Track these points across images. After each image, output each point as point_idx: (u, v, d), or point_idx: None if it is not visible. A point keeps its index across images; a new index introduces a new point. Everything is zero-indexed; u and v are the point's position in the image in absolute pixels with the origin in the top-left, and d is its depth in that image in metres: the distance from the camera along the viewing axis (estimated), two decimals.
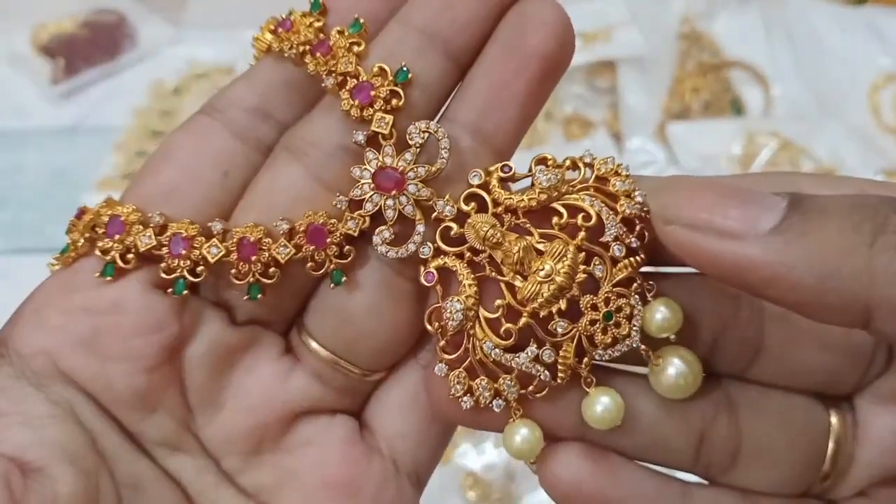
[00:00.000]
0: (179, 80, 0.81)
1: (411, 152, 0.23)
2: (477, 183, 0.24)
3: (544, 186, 0.23)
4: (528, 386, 0.23)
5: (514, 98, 0.23)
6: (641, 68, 0.78)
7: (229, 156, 0.24)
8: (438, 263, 0.23)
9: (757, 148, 0.71)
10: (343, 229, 0.23)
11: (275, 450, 0.25)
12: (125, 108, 0.79)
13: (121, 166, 0.74)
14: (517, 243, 0.23)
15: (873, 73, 0.79)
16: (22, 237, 0.70)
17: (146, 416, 0.24)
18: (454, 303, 0.23)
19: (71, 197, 0.70)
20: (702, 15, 0.83)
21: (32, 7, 0.82)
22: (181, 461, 0.24)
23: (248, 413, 0.25)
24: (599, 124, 0.76)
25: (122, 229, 0.23)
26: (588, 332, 0.23)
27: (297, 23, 0.24)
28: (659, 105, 0.78)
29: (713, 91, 0.78)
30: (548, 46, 0.23)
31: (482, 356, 0.23)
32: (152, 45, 0.84)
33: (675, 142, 0.73)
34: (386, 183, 0.23)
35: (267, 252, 0.23)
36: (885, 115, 0.77)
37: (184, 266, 0.23)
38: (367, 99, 0.23)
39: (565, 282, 0.22)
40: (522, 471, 0.56)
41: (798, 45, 0.82)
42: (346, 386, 0.25)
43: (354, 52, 0.23)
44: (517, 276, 0.23)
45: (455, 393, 0.23)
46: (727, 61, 0.81)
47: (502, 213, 0.23)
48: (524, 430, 0.23)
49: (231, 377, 0.25)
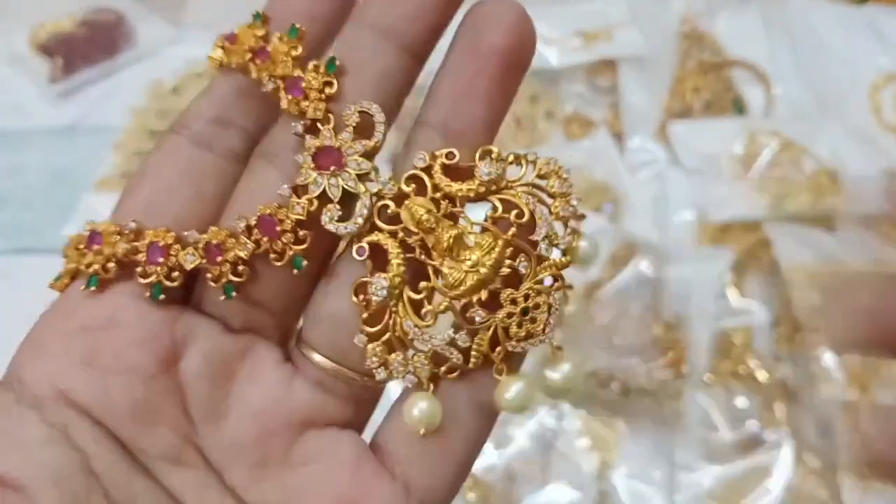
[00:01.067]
0: (178, 80, 0.81)
1: (348, 131, 0.24)
2: (421, 166, 0.24)
3: (484, 179, 0.24)
4: (441, 366, 0.24)
5: (478, 96, 0.24)
6: (642, 68, 0.78)
7: (199, 165, 0.25)
8: (371, 239, 0.24)
9: (758, 147, 0.71)
10: (293, 215, 0.24)
11: (281, 464, 0.25)
12: (124, 108, 0.78)
13: (120, 166, 0.74)
14: (449, 231, 0.24)
15: (874, 73, 0.79)
16: (21, 237, 0.70)
17: (147, 430, 0.24)
18: (380, 280, 0.23)
19: (71, 197, 0.70)
20: (702, 14, 0.83)
21: (31, 6, 0.82)
22: (183, 476, 0.24)
23: (252, 420, 0.24)
24: (600, 124, 0.76)
25: (100, 241, 0.24)
26: (504, 325, 0.24)
27: (240, 34, 0.25)
28: (660, 104, 0.77)
29: (714, 90, 0.78)
30: (506, 43, 0.24)
31: (401, 333, 0.24)
32: (151, 44, 0.83)
33: (676, 141, 0.73)
34: (325, 161, 0.24)
35: (232, 251, 0.24)
36: (886, 114, 0.77)
37: (160, 272, 0.24)
38: (299, 93, 0.24)
39: (489, 274, 0.23)
40: (523, 473, 0.56)
41: (799, 45, 0.82)
42: (350, 394, 0.25)
43: (320, 70, 0.24)
44: (445, 261, 0.24)
45: (371, 364, 0.24)
46: (728, 60, 0.80)
47: (440, 199, 0.24)
48: (423, 404, 0.24)
49: (232, 385, 0.25)
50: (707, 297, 0.61)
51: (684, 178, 0.71)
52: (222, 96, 0.26)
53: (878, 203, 0.68)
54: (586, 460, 0.57)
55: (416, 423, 0.24)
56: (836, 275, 0.62)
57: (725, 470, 0.56)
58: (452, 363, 0.24)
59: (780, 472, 0.56)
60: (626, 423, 0.58)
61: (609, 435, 0.58)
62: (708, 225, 0.68)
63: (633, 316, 0.59)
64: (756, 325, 0.63)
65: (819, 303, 0.60)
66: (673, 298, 0.61)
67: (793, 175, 0.69)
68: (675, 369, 0.58)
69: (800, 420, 0.58)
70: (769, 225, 0.66)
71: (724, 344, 0.62)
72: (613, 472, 0.56)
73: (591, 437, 0.58)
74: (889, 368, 0.58)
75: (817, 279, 0.62)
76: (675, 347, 0.58)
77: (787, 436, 0.57)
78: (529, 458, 0.56)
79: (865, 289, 0.23)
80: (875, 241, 0.67)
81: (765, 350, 0.62)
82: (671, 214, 0.69)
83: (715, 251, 0.65)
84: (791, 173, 0.69)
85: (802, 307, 0.60)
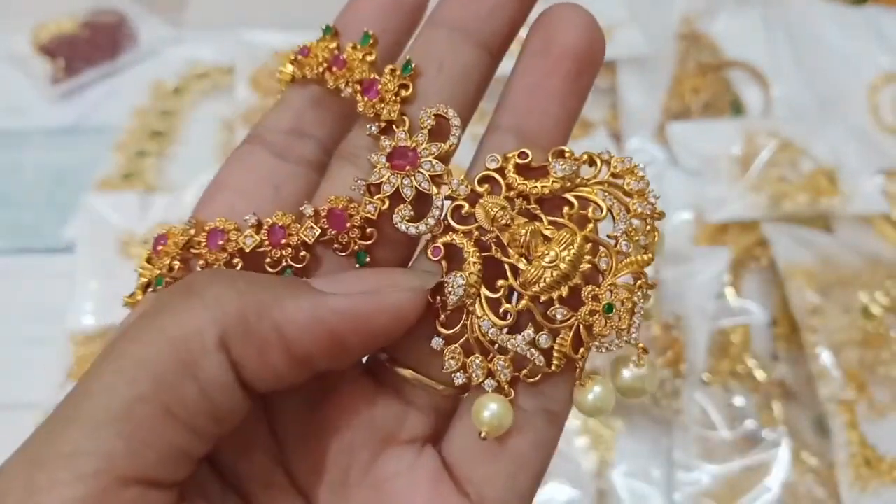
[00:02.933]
0: (179, 81, 0.81)
1: (423, 133, 0.24)
2: (494, 167, 0.24)
3: (558, 176, 0.23)
4: (522, 370, 0.23)
5: (550, 97, 0.24)
6: (641, 68, 0.78)
7: (276, 173, 0.26)
8: (446, 240, 0.24)
9: (757, 148, 0.71)
10: (363, 212, 0.24)
11: (361, 483, 0.24)
12: (125, 109, 0.79)
13: (121, 166, 0.74)
14: (525, 227, 0.23)
15: (873, 73, 0.79)
16: (22, 237, 0.70)
17: (241, 454, 0.24)
18: (457, 278, 0.23)
19: (71, 197, 0.71)
20: (702, 15, 0.83)
21: (32, 7, 0.82)
22: (272, 498, 0.24)
23: (335, 435, 0.24)
24: (599, 124, 0.76)
25: (165, 240, 0.25)
26: (587, 322, 0.23)
27: (313, 48, 0.26)
28: (658, 105, 0.78)
29: (713, 91, 0.78)
30: (577, 45, 0.24)
31: (479, 334, 0.23)
32: (152, 45, 0.84)
33: (675, 142, 0.73)
34: (400, 161, 0.24)
35: (295, 236, 0.24)
36: (885, 114, 0.77)
37: (221, 259, 0.24)
38: (375, 95, 0.24)
39: (569, 269, 0.23)
40: None
41: (798, 45, 0.82)
42: (430, 405, 0.25)
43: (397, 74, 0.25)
44: (522, 259, 0.23)
45: (448, 368, 0.23)
46: (727, 61, 0.81)
47: (514, 198, 0.24)
48: (494, 405, 0.23)
49: (317, 402, 0.25)
50: (705, 296, 0.62)
51: (683, 179, 0.72)
52: (297, 108, 0.27)
53: (877, 203, 0.68)
54: (585, 459, 0.57)
55: (485, 424, 0.23)
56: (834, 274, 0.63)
57: (723, 468, 0.56)
58: (534, 366, 0.23)
59: (777, 471, 0.56)
60: (625, 422, 0.59)
61: (608, 433, 0.58)
62: (706, 225, 0.68)
63: None
64: (754, 325, 0.63)
65: (817, 302, 0.61)
66: (671, 298, 0.61)
67: (790, 175, 0.70)
68: (674, 368, 0.58)
69: (797, 419, 0.59)
70: (767, 225, 0.66)
71: (723, 343, 0.62)
72: (612, 471, 0.57)
73: (590, 436, 0.58)
74: (886, 367, 0.58)
75: (815, 279, 0.62)
76: (673, 347, 0.59)
77: (784, 434, 0.57)
78: None
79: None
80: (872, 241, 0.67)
81: (763, 349, 0.62)
82: (670, 214, 0.70)
83: (713, 251, 0.65)
84: (789, 174, 0.70)
85: (800, 307, 0.60)
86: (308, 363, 0.22)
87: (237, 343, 0.21)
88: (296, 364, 0.22)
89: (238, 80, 0.77)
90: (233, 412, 0.21)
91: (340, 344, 0.22)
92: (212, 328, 0.20)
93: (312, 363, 0.22)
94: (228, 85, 0.79)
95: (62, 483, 0.18)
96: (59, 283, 0.65)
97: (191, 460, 0.20)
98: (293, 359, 0.21)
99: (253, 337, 0.21)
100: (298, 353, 0.21)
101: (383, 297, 0.22)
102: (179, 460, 0.20)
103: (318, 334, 0.21)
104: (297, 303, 0.21)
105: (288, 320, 0.21)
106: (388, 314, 0.22)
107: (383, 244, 0.24)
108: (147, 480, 0.19)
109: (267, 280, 0.22)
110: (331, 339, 0.21)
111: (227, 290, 0.21)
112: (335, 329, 0.21)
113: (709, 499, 0.55)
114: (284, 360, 0.21)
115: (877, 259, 0.65)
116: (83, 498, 0.18)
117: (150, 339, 0.20)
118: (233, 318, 0.21)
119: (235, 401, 0.21)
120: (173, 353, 0.20)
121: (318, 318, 0.21)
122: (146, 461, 0.19)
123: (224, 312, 0.20)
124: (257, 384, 0.21)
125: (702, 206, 0.69)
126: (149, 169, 0.74)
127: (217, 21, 0.83)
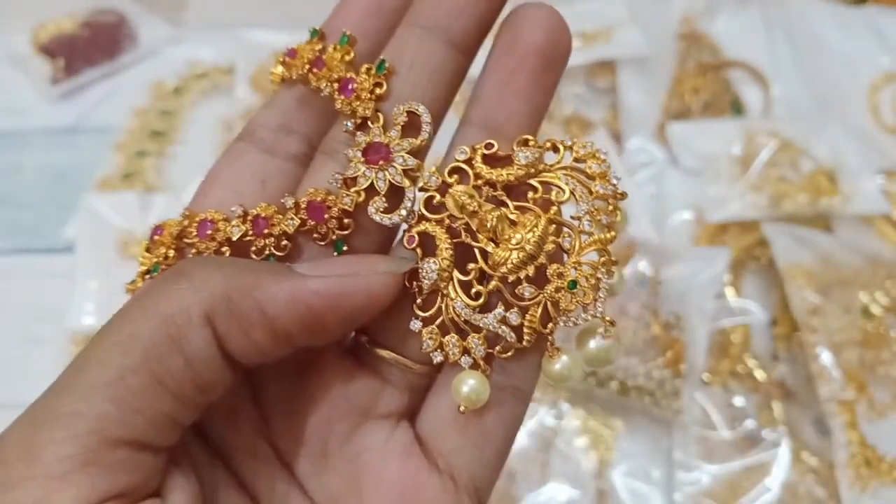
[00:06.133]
0: (179, 81, 0.81)
1: (396, 129, 0.25)
2: (463, 159, 0.26)
3: (522, 163, 0.25)
4: (496, 346, 0.25)
5: (516, 93, 0.25)
6: (641, 68, 0.78)
7: (264, 168, 0.27)
8: (420, 229, 0.25)
9: (756, 148, 0.71)
10: (340, 204, 0.25)
11: (339, 455, 0.26)
12: (125, 109, 0.79)
13: (121, 166, 0.74)
14: (492, 213, 0.25)
15: (873, 73, 0.79)
16: (22, 237, 0.70)
17: (228, 426, 0.26)
18: (430, 263, 0.25)
19: (71, 197, 0.71)
20: (701, 15, 0.83)
21: (32, 7, 0.82)
22: (256, 468, 0.26)
23: (315, 409, 0.26)
24: (599, 124, 0.76)
25: (161, 231, 0.27)
26: (553, 299, 0.24)
27: (299, 50, 0.27)
28: (658, 105, 0.78)
29: (713, 91, 0.78)
30: (542, 42, 0.25)
31: (454, 315, 0.25)
32: (152, 45, 0.84)
33: (675, 142, 0.73)
34: (374, 156, 0.25)
35: (277, 226, 0.25)
36: (885, 114, 0.77)
37: (211, 247, 0.26)
38: (350, 93, 0.26)
39: (534, 249, 0.24)
40: (522, 472, 0.56)
41: (798, 45, 0.82)
42: (406, 382, 0.27)
43: (372, 72, 0.26)
44: (491, 243, 0.25)
45: (426, 347, 0.25)
46: (727, 61, 0.81)
47: (482, 186, 0.25)
48: (472, 381, 0.25)
49: (299, 378, 0.26)
50: (705, 296, 0.62)
51: (683, 179, 0.72)
52: (285, 106, 0.28)
53: (877, 203, 0.68)
54: (585, 459, 0.57)
55: (464, 399, 0.24)
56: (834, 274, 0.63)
57: (723, 468, 0.56)
58: (506, 342, 0.25)
59: (777, 471, 0.56)
60: (625, 422, 0.59)
61: (608, 434, 0.58)
62: (706, 225, 0.68)
63: (631, 315, 0.60)
64: (754, 325, 0.63)
65: (817, 302, 0.61)
66: (671, 298, 0.61)
67: (791, 175, 0.70)
68: (674, 368, 0.58)
69: (797, 419, 0.59)
70: (767, 225, 0.67)
71: (723, 343, 0.62)
72: (612, 471, 0.57)
73: (590, 436, 0.58)
74: (886, 367, 0.58)
75: (815, 279, 0.62)
76: (673, 347, 0.59)
77: (784, 434, 0.57)
78: (529, 457, 0.57)
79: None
80: (872, 240, 0.67)
81: (762, 349, 0.62)
82: (670, 214, 0.70)
83: (713, 251, 0.65)
84: (789, 174, 0.70)
85: (800, 307, 0.61)
86: (288, 339, 0.24)
87: (222, 319, 0.22)
88: (276, 340, 0.23)
89: (238, 80, 0.77)
90: (217, 383, 0.23)
91: (318, 322, 0.23)
92: (198, 306, 0.22)
93: (292, 339, 0.24)
94: (228, 85, 0.79)
95: (57, 441, 0.20)
96: (59, 283, 0.65)
97: (178, 427, 0.22)
98: (274, 335, 0.23)
99: (236, 314, 0.23)
100: (279, 329, 0.23)
101: (359, 279, 0.24)
102: (167, 426, 0.22)
103: (298, 312, 0.23)
104: (278, 284, 0.23)
105: (269, 299, 0.23)
106: (362, 295, 0.24)
107: (360, 234, 0.26)
108: (136, 443, 0.21)
109: (251, 264, 0.24)
110: (309, 317, 0.23)
111: (213, 272, 0.23)
112: (313, 308, 0.23)
113: (709, 499, 0.55)
114: (266, 336, 0.23)
115: (877, 259, 0.65)
116: (75, 455, 0.20)
117: (141, 316, 0.22)
118: (218, 297, 0.22)
119: (219, 373, 0.23)
120: (162, 328, 0.22)
121: (297, 298, 0.23)
122: (136, 425, 0.21)
123: (210, 292, 0.22)
124: (241, 358, 0.23)
125: (702, 205, 0.69)
126: (149, 169, 0.74)
127: (217, 21, 0.83)
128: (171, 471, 0.23)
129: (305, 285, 0.23)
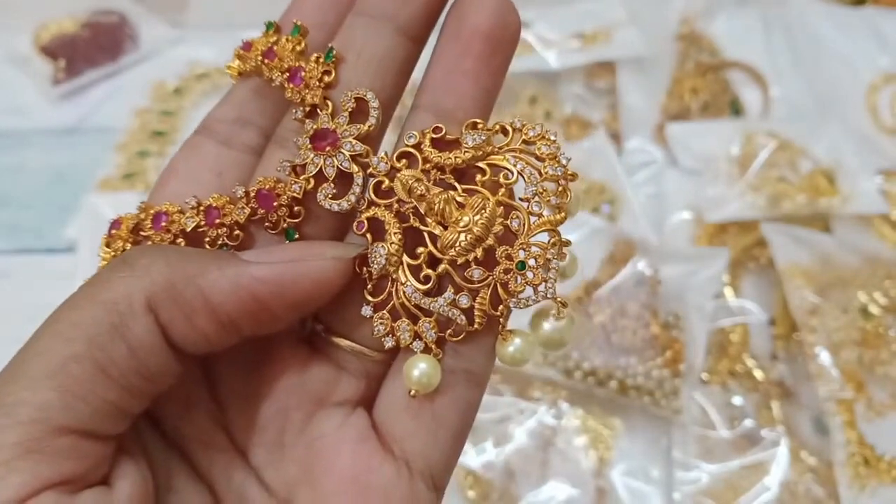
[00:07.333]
0: (180, 81, 0.81)
1: (344, 116, 0.25)
2: (412, 143, 0.25)
3: (469, 146, 0.25)
4: (447, 330, 0.25)
5: (464, 76, 0.25)
6: (640, 69, 0.79)
7: (220, 160, 0.28)
8: (369, 214, 0.25)
9: (755, 148, 0.71)
10: (289, 192, 0.25)
11: (296, 443, 0.26)
12: (126, 109, 0.79)
13: (121, 166, 0.75)
14: (439, 196, 0.25)
15: (872, 74, 0.80)
16: (22, 237, 0.70)
17: (183, 415, 0.26)
18: (378, 248, 0.25)
19: (71, 197, 0.71)
20: (701, 15, 0.83)
21: (34, 7, 0.82)
22: (212, 457, 0.26)
23: (271, 398, 0.26)
24: (598, 125, 0.76)
25: (118, 225, 0.27)
26: (503, 280, 0.24)
27: (254, 43, 0.28)
28: (658, 105, 0.78)
29: (712, 91, 0.78)
30: (488, 26, 0.25)
31: (404, 299, 0.25)
32: (153, 45, 0.84)
33: (674, 142, 0.74)
34: (321, 143, 0.25)
35: (229, 216, 0.26)
36: (884, 115, 0.77)
37: (166, 239, 0.26)
38: (299, 82, 0.26)
39: (482, 231, 0.24)
40: (522, 470, 0.56)
41: (797, 46, 0.82)
42: (362, 370, 0.27)
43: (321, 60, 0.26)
44: (439, 226, 0.25)
45: (377, 333, 0.25)
46: (726, 62, 0.81)
47: (430, 170, 0.25)
48: (423, 364, 0.25)
49: (255, 366, 0.26)
50: (704, 296, 0.62)
51: (682, 179, 0.72)
52: (240, 99, 0.28)
53: (875, 203, 0.69)
54: (585, 458, 0.57)
55: (415, 383, 0.24)
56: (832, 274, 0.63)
57: (722, 468, 0.56)
58: (458, 326, 0.25)
59: (776, 470, 0.56)
60: (624, 421, 0.59)
61: (607, 433, 0.58)
62: (705, 225, 0.68)
63: (630, 315, 0.60)
64: (753, 325, 0.64)
65: (815, 302, 0.61)
66: (670, 298, 0.61)
67: (789, 176, 0.70)
68: (673, 368, 0.58)
69: (796, 418, 0.59)
70: (766, 225, 0.67)
71: (721, 343, 0.62)
72: (611, 470, 0.57)
73: (590, 435, 0.58)
74: (884, 367, 0.59)
75: (814, 279, 0.62)
76: (672, 346, 0.59)
77: (783, 434, 0.58)
78: (528, 456, 0.57)
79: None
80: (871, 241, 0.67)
81: (761, 349, 0.63)
82: (668, 215, 0.70)
83: (712, 251, 0.65)
84: (788, 174, 0.70)
85: (799, 306, 0.61)
86: (234, 327, 0.23)
87: (165, 307, 0.22)
88: (222, 328, 0.23)
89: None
90: (163, 372, 0.23)
91: (264, 309, 0.23)
92: (139, 293, 0.22)
93: (239, 327, 0.24)
94: (229, 85, 0.79)
95: (2, 427, 0.20)
96: (61, 284, 0.64)
97: (125, 415, 0.22)
98: (219, 323, 0.23)
99: (179, 302, 0.23)
100: (223, 317, 0.23)
101: (303, 264, 0.24)
102: (113, 414, 0.22)
103: (242, 300, 0.23)
104: (221, 271, 0.23)
105: (212, 287, 0.23)
106: (308, 281, 0.24)
107: (312, 222, 0.26)
108: (81, 431, 0.21)
109: (197, 252, 0.24)
110: (254, 304, 0.23)
111: (156, 260, 0.23)
112: (257, 294, 0.23)
113: (708, 498, 0.55)
114: (210, 324, 0.23)
115: (875, 259, 0.65)
116: (20, 442, 0.20)
117: (83, 304, 0.22)
118: (160, 284, 0.22)
119: (164, 361, 0.23)
120: (104, 315, 0.22)
121: (240, 285, 0.23)
122: (80, 413, 0.21)
123: (152, 279, 0.22)
124: (188, 346, 0.23)
125: (701, 206, 0.69)
126: (149, 169, 0.74)
127: (217, 21, 0.83)
128: (121, 459, 0.23)
129: (249, 272, 0.23)
